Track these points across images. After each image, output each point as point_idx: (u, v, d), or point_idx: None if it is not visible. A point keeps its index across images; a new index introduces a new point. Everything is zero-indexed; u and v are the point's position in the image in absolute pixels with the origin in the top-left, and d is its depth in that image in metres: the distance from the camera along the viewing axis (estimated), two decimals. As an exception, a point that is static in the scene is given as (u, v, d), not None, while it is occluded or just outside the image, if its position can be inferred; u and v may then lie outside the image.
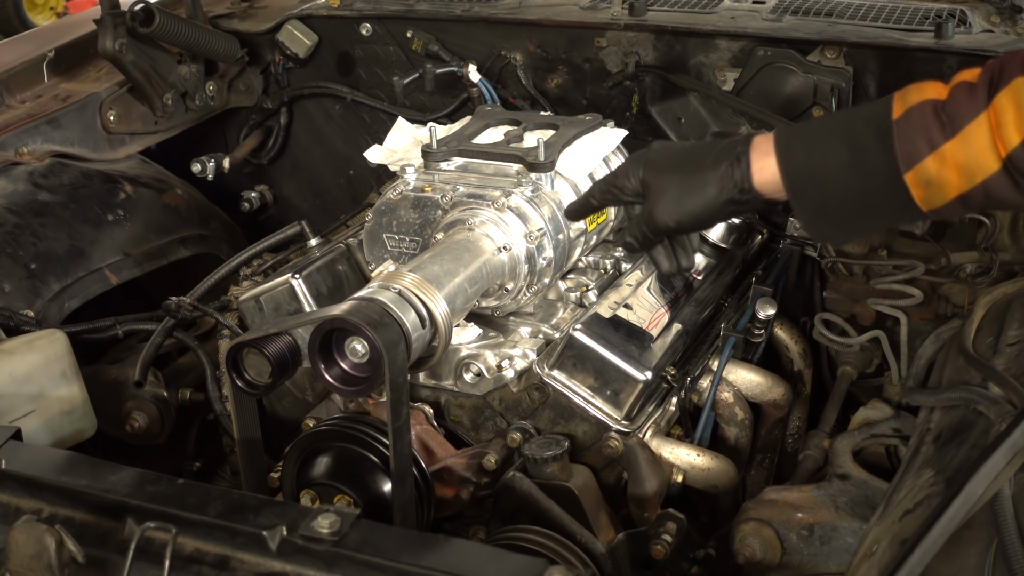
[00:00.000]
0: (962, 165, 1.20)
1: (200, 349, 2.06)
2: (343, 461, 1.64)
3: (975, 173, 1.19)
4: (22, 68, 2.56)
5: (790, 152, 1.34)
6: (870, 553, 1.25)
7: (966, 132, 1.19)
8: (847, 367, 2.10)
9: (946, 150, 1.20)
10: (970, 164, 1.19)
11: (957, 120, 1.19)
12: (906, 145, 1.22)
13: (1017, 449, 1.11)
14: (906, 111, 1.23)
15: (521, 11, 2.52)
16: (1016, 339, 1.55)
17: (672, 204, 1.47)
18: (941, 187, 1.22)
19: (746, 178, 1.39)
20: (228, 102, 2.81)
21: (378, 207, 1.85)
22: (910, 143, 1.22)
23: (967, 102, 1.19)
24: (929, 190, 1.23)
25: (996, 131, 1.17)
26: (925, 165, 1.21)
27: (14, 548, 1.08)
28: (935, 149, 1.20)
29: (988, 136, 1.17)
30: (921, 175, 1.22)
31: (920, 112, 1.22)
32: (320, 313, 1.48)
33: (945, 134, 1.20)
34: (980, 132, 1.18)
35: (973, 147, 1.19)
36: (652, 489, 1.68)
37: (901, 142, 1.23)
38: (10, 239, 2.22)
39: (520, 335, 1.80)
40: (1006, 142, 1.16)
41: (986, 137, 1.17)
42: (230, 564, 1.10)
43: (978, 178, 1.20)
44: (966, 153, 1.19)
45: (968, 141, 1.19)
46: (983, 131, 1.18)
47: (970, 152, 1.19)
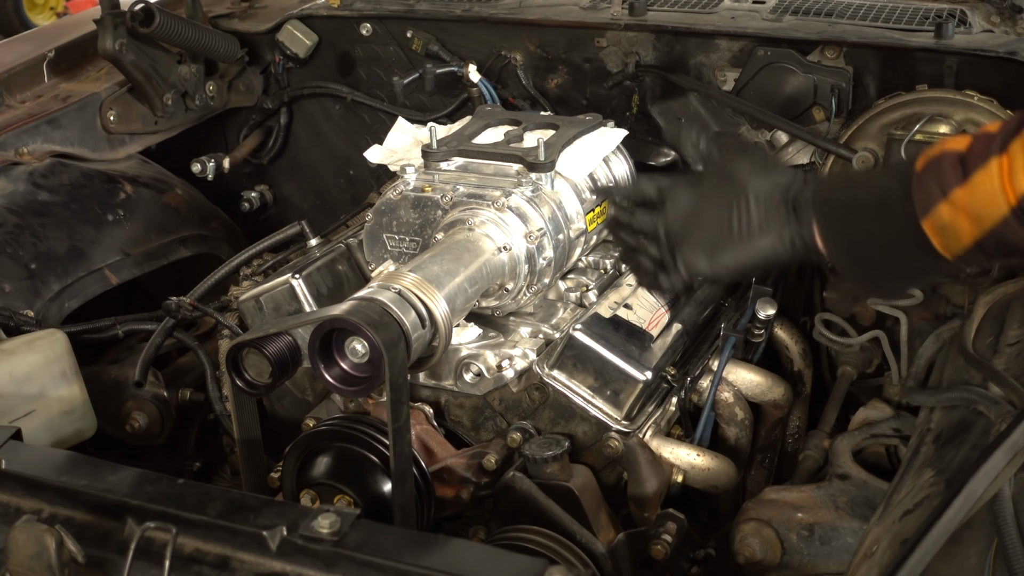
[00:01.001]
0: (971, 211, 1.21)
1: (200, 349, 2.06)
2: (343, 461, 1.64)
3: (983, 219, 1.21)
4: (22, 68, 2.56)
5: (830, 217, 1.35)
6: (870, 553, 1.25)
7: (974, 179, 1.20)
8: (847, 367, 2.10)
9: (956, 196, 1.22)
10: (977, 210, 1.21)
11: (970, 168, 1.21)
12: (922, 193, 1.25)
13: (1017, 449, 1.11)
14: (928, 162, 1.26)
15: (521, 11, 2.52)
16: (1016, 339, 1.55)
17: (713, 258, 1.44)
18: (955, 233, 1.24)
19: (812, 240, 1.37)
20: (228, 102, 2.81)
21: (378, 207, 1.85)
22: (925, 191, 1.24)
23: (982, 151, 1.21)
24: (945, 236, 1.25)
25: (1008, 176, 1.18)
26: (939, 211, 1.23)
27: (14, 548, 1.08)
28: (947, 195, 1.22)
29: (997, 181, 1.19)
30: (937, 221, 1.24)
31: (939, 162, 1.24)
32: (320, 313, 1.48)
33: (958, 180, 1.22)
34: (987, 179, 1.19)
35: (979, 193, 1.20)
36: (652, 489, 1.68)
37: (918, 191, 1.25)
38: (10, 239, 2.22)
39: (520, 335, 1.80)
40: (1016, 188, 1.18)
41: (994, 183, 1.19)
42: (230, 564, 1.10)
43: (987, 224, 1.21)
44: (973, 199, 1.21)
45: (975, 188, 1.20)
46: (990, 178, 1.19)
47: (976, 198, 1.20)
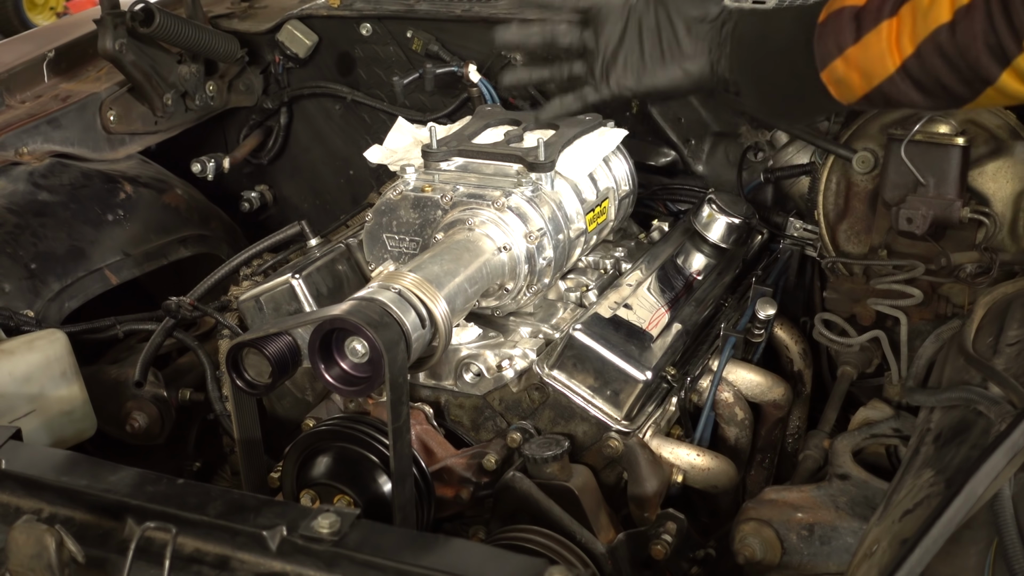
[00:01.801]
0: (862, 68, 1.34)
1: (200, 349, 2.06)
2: (343, 461, 1.64)
3: (872, 76, 1.33)
4: (22, 68, 2.56)
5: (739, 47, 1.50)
6: (870, 553, 1.25)
7: (866, 39, 1.32)
8: (847, 367, 2.10)
9: (850, 54, 1.34)
10: (868, 68, 1.33)
11: (863, 27, 1.33)
12: (821, 47, 1.37)
13: (1017, 449, 1.11)
14: (827, 16, 1.37)
15: (521, 11, 2.52)
16: (1016, 339, 1.55)
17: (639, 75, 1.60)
18: (848, 86, 1.37)
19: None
20: (228, 102, 2.81)
21: (378, 207, 1.85)
22: (824, 46, 1.37)
23: (875, 11, 1.32)
24: (840, 87, 1.38)
25: (895, 39, 1.29)
26: (835, 66, 1.36)
27: (14, 548, 1.08)
28: (842, 52, 1.35)
29: (884, 44, 1.30)
30: (833, 74, 1.37)
31: (837, 17, 1.36)
32: (320, 313, 1.48)
33: (853, 39, 1.34)
34: (877, 40, 1.31)
35: (870, 52, 1.32)
36: (652, 489, 1.68)
37: (819, 44, 1.37)
38: (10, 239, 2.22)
39: (520, 335, 1.80)
40: (902, 50, 1.29)
41: (882, 44, 1.30)
42: (230, 564, 1.10)
43: (875, 81, 1.33)
44: (865, 57, 1.33)
45: (867, 47, 1.32)
46: (880, 39, 1.31)
47: (868, 57, 1.33)
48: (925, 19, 1.26)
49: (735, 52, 1.50)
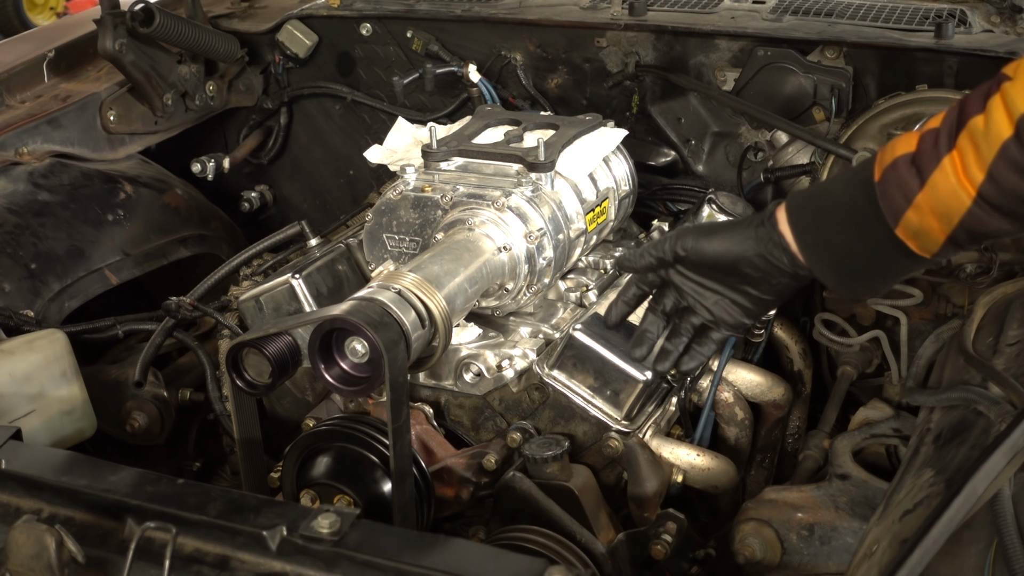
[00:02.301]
0: (937, 210, 1.26)
1: (200, 349, 2.06)
2: (343, 461, 1.64)
3: (951, 215, 1.26)
4: (22, 68, 2.56)
5: (802, 232, 1.41)
6: (870, 553, 1.25)
7: (932, 180, 1.25)
8: (847, 367, 2.10)
9: (920, 200, 1.27)
10: (942, 208, 1.26)
11: (925, 170, 1.26)
12: (888, 203, 1.30)
13: (1017, 449, 1.11)
14: (884, 171, 1.31)
15: (521, 11, 2.52)
16: (1016, 339, 1.55)
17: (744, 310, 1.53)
18: (928, 235, 1.29)
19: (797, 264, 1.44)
20: (228, 102, 2.81)
21: (378, 207, 1.85)
22: (891, 201, 1.30)
23: (931, 151, 1.26)
24: (920, 240, 1.30)
25: (962, 170, 1.23)
26: (908, 218, 1.29)
27: (14, 548, 1.08)
28: (911, 202, 1.28)
29: (953, 179, 1.24)
30: (908, 227, 1.30)
31: (894, 170, 1.29)
32: (320, 313, 1.48)
33: (917, 185, 1.27)
34: (944, 177, 1.24)
35: (940, 192, 1.25)
36: (652, 489, 1.68)
37: (884, 202, 1.30)
38: (10, 239, 2.21)
39: (520, 335, 1.80)
40: (973, 180, 1.22)
41: (951, 180, 1.24)
42: (230, 564, 1.10)
43: (955, 219, 1.26)
44: (936, 199, 1.26)
45: (935, 188, 1.25)
46: (947, 175, 1.24)
47: (939, 197, 1.25)
48: (987, 140, 1.20)
49: (800, 238, 1.41)
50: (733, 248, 1.46)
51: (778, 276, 1.45)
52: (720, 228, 1.50)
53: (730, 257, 1.47)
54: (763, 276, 1.46)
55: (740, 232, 1.46)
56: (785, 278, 1.45)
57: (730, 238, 1.47)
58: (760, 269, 1.45)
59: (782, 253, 1.42)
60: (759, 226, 1.44)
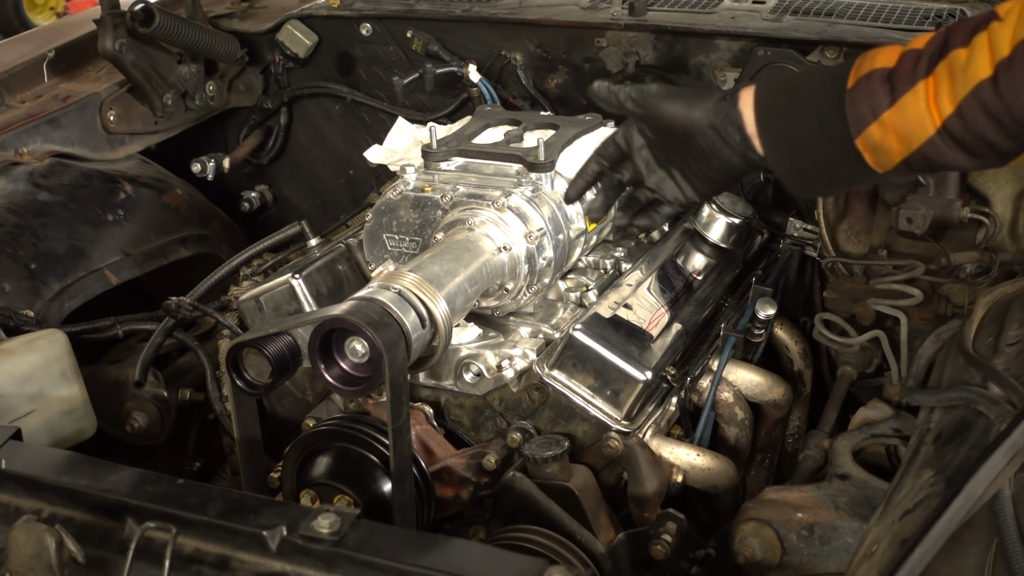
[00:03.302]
0: (900, 132, 1.27)
1: (200, 349, 2.06)
2: (343, 461, 1.64)
3: (911, 140, 1.27)
4: (22, 68, 2.56)
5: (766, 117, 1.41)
6: (870, 553, 1.25)
7: (902, 101, 1.26)
8: (847, 367, 2.10)
9: (886, 118, 1.28)
10: (906, 131, 1.27)
11: (898, 89, 1.27)
12: (855, 113, 1.30)
13: (1017, 449, 1.11)
14: (857, 80, 1.31)
15: (521, 11, 2.52)
16: (1016, 339, 1.55)
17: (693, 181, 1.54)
18: (886, 152, 1.30)
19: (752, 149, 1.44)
20: (228, 102, 2.81)
21: (378, 207, 1.85)
22: (858, 111, 1.30)
23: (909, 72, 1.27)
24: (877, 154, 1.31)
25: (934, 99, 1.24)
26: (870, 131, 1.30)
27: (14, 548, 1.08)
28: (877, 117, 1.28)
29: (923, 105, 1.25)
30: (868, 141, 1.30)
31: (868, 81, 1.30)
32: (320, 313, 1.48)
33: (888, 103, 1.28)
34: (914, 101, 1.25)
35: (908, 115, 1.26)
36: (652, 489, 1.68)
37: (851, 110, 1.31)
38: (10, 239, 2.22)
39: (520, 335, 1.80)
40: (941, 111, 1.24)
41: (920, 106, 1.25)
42: (230, 564, 1.10)
43: (915, 144, 1.27)
44: (902, 121, 1.27)
45: (903, 110, 1.26)
46: (918, 100, 1.25)
47: (906, 120, 1.27)
48: (964, 76, 1.21)
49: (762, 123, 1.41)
50: (689, 115, 1.46)
51: (727, 154, 1.45)
52: (681, 93, 1.50)
53: (683, 123, 1.47)
54: (712, 151, 1.46)
55: (699, 101, 1.47)
56: (734, 157, 1.45)
57: (688, 105, 1.47)
58: (711, 142, 1.46)
59: (735, 131, 1.43)
60: (720, 100, 1.45)
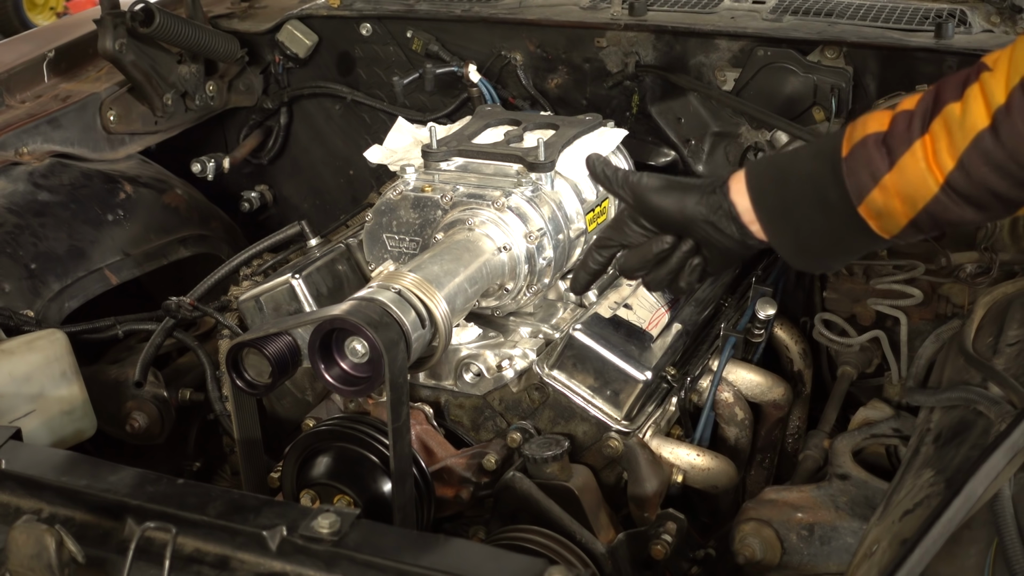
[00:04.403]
0: (903, 193, 1.25)
1: (200, 349, 2.06)
2: (343, 461, 1.64)
3: (916, 200, 1.25)
4: (22, 68, 2.56)
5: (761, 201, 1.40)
6: (870, 553, 1.25)
7: (901, 162, 1.24)
8: (847, 367, 2.10)
9: (887, 181, 1.26)
10: (909, 191, 1.25)
11: (895, 151, 1.25)
12: (854, 180, 1.28)
13: (1017, 449, 1.11)
14: (852, 148, 1.29)
15: (521, 11, 2.52)
16: (1016, 339, 1.55)
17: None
18: (891, 216, 1.28)
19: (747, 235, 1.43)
20: (228, 102, 2.81)
21: (378, 207, 1.85)
22: (857, 178, 1.28)
23: (903, 133, 1.25)
24: (882, 220, 1.29)
25: (932, 156, 1.22)
26: (873, 197, 1.27)
27: (14, 548, 1.08)
28: (878, 181, 1.26)
29: (923, 164, 1.23)
30: (872, 207, 1.28)
31: (863, 147, 1.28)
32: (320, 313, 1.48)
33: (886, 166, 1.25)
34: (914, 161, 1.23)
35: (909, 175, 1.24)
36: (652, 489, 1.68)
37: (850, 178, 1.29)
38: (10, 239, 2.21)
39: (520, 335, 1.80)
40: (942, 167, 1.22)
41: (920, 165, 1.23)
42: (230, 564, 1.10)
43: (920, 204, 1.25)
44: (904, 181, 1.25)
45: (904, 171, 1.24)
46: (917, 160, 1.23)
47: (907, 180, 1.24)
48: (962, 129, 1.19)
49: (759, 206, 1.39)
50: (683, 210, 1.45)
51: (727, 244, 1.44)
52: (672, 187, 1.48)
53: (679, 217, 1.46)
54: (711, 241, 1.46)
55: (692, 195, 1.45)
56: (733, 245, 1.44)
57: (681, 199, 1.46)
58: (707, 234, 1.45)
59: (730, 222, 1.42)
60: (710, 193, 1.43)
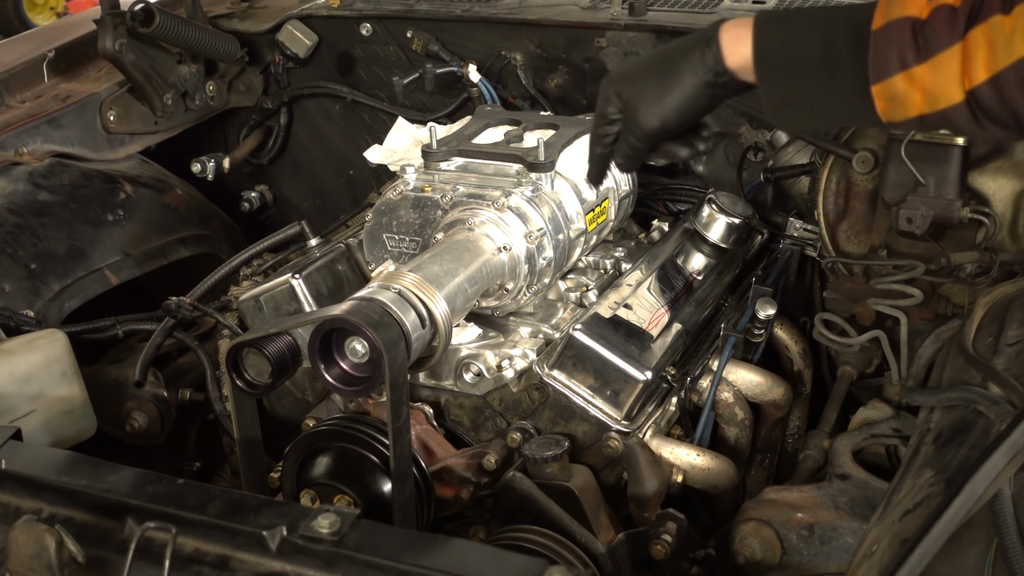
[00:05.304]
0: (928, 89, 1.23)
1: (200, 349, 2.06)
2: (343, 461, 1.64)
3: (939, 99, 1.22)
4: (22, 68, 2.56)
5: (766, 38, 1.36)
6: (870, 553, 1.25)
7: (938, 59, 1.21)
8: (847, 367, 2.10)
9: (916, 72, 1.23)
10: (936, 90, 1.22)
11: (932, 45, 1.22)
12: (879, 58, 1.25)
13: (1017, 449, 1.11)
14: (886, 24, 1.25)
15: (521, 11, 2.53)
16: (1016, 339, 1.55)
17: (653, 104, 1.47)
18: (904, 104, 1.26)
19: (719, 60, 1.41)
20: (228, 102, 2.81)
21: (378, 207, 1.85)
22: (883, 57, 1.25)
23: (945, 28, 1.22)
24: (892, 104, 1.26)
25: (965, 64, 1.19)
26: (893, 81, 1.24)
27: (14, 548, 1.08)
28: (906, 69, 1.23)
29: (958, 68, 1.20)
30: (887, 89, 1.25)
31: (898, 28, 1.24)
32: (320, 313, 1.48)
33: (918, 56, 1.22)
34: (951, 62, 1.20)
35: (942, 75, 1.21)
36: (652, 489, 1.68)
37: (875, 54, 1.25)
38: (10, 239, 2.22)
39: (520, 335, 1.80)
40: (972, 77, 1.19)
41: (956, 68, 1.20)
42: (230, 564, 1.10)
43: (940, 105, 1.23)
44: (935, 80, 1.22)
45: (938, 69, 1.21)
46: (954, 62, 1.20)
47: (938, 80, 1.22)
48: (1008, 47, 1.16)
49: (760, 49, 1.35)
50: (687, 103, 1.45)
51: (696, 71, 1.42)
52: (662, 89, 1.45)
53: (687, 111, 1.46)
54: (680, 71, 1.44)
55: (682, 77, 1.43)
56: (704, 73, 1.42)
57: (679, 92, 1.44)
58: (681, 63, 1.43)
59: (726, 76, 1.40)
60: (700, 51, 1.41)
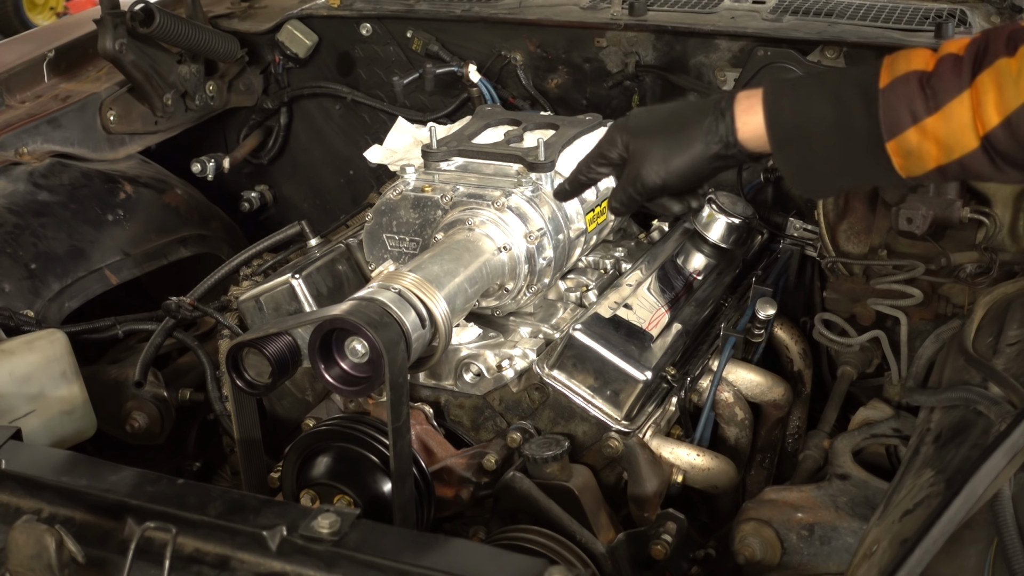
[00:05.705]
0: (942, 140, 1.24)
1: (200, 349, 2.06)
2: (343, 461, 1.64)
3: (953, 149, 1.24)
4: (22, 68, 2.56)
5: (778, 107, 1.37)
6: (870, 553, 1.25)
7: (948, 109, 1.23)
8: (847, 367, 2.10)
9: (928, 124, 1.24)
10: (949, 140, 1.24)
11: (941, 95, 1.23)
12: (890, 115, 1.26)
13: (1017, 449, 1.11)
14: (892, 80, 1.27)
15: (521, 11, 2.53)
16: (1016, 339, 1.55)
17: (658, 163, 1.48)
18: (921, 158, 1.27)
19: (730, 132, 1.42)
20: (228, 102, 2.81)
21: (378, 207, 1.85)
22: (894, 113, 1.26)
23: (951, 78, 1.23)
24: (909, 159, 1.28)
25: (976, 110, 1.21)
26: (907, 136, 1.26)
27: (14, 548, 1.08)
28: (917, 122, 1.25)
29: (969, 115, 1.21)
30: (903, 145, 1.27)
31: (905, 83, 1.26)
32: (320, 313, 1.48)
33: (928, 108, 1.24)
34: (962, 110, 1.22)
35: (954, 124, 1.23)
36: (652, 489, 1.68)
37: (885, 111, 1.27)
38: (10, 239, 2.22)
39: (520, 335, 1.80)
40: (985, 122, 1.20)
41: (967, 115, 1.21)
42: (230, 564, 1.10)
43: (956, 154, 1.24)
44: (947, 129, 1.23)
45: (949, 118, 1.23)
46: (965, 109, 1.22)
47: (951, 129, 1.23)
48: (1016, 87, 1.17)
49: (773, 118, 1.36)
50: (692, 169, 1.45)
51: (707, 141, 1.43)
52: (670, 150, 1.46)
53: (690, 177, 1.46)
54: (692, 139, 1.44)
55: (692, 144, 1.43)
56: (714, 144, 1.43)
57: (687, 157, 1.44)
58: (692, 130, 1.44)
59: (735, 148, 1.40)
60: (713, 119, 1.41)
